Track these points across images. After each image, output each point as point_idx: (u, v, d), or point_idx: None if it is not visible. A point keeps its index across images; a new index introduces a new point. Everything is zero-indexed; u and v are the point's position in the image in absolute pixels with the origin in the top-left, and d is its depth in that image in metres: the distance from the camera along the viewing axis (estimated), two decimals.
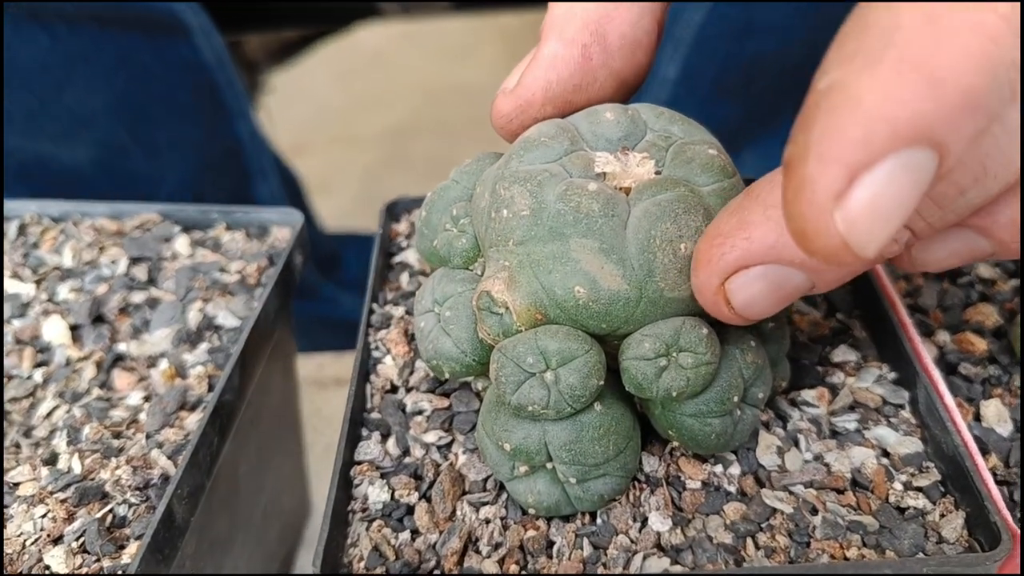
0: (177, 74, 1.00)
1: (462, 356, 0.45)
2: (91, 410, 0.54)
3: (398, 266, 0.62)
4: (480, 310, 0.42)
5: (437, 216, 0.49)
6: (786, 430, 0.49)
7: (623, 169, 0.42)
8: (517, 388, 0.41)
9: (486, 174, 0.46)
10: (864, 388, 0.52)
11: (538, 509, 0.45)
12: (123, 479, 0.49)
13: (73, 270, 0.64)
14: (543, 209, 0.41)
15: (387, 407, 0.52)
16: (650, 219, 0.40)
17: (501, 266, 0.42)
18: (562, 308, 0.41)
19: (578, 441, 0.42)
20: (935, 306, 0.61)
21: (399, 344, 0.55)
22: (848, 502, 0.45)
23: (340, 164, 1.63)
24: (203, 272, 0.63)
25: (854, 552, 0.43)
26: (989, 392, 0.54)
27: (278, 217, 0.68)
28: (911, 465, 0.47)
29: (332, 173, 1.57)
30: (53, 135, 0.94)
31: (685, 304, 0.41)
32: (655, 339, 0.40)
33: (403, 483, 0.47)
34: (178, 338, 0.59)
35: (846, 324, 0.57)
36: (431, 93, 1.85)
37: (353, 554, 0.45)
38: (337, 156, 1.65)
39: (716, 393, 0.42)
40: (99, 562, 0.46)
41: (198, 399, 0.54)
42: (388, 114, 1.79)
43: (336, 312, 1.21)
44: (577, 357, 0.40)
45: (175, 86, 1.01)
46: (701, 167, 0.43)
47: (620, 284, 0.40)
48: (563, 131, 0.44)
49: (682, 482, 0.47)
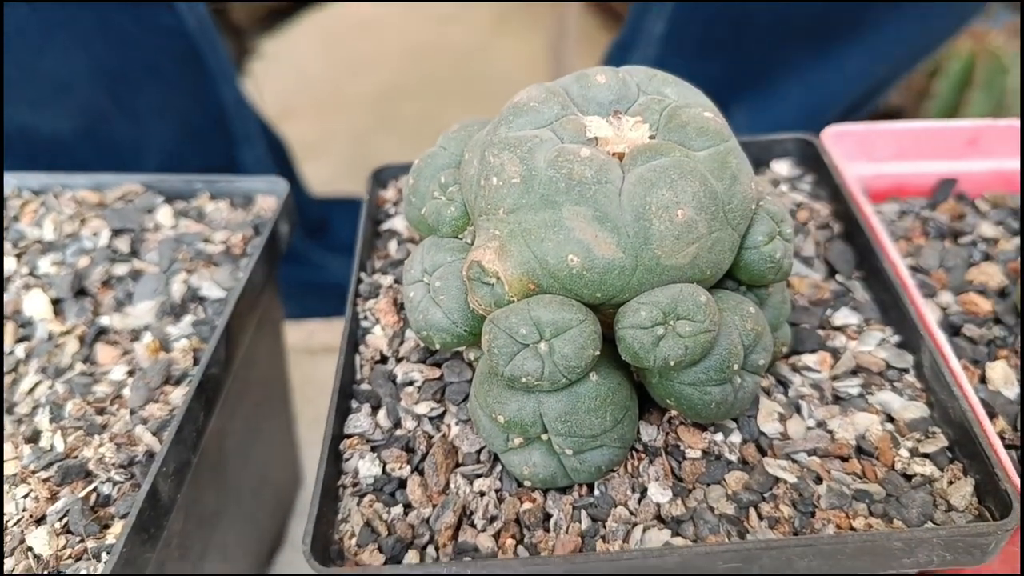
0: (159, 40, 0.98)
1: (453, 327, 0.43)
2: (74, 386, 0.52)
3: (386, 234, 0.61)
4: (471, 280, 0.41)
5: (425, 184, 0.47)
6: (787, 396, 0.48)
7: (616, 134, 0.41)
8: (510, 360, 0.39)
9: (474, 140, 0.45)
10: (867, 352, 0.51)
11: (534, 481, 0.43)
12: (107, 457, 0.48)
13: (54, 243, 0.63)
14: (534, 176, 0.40)
15: (377, 378, 0.50)
16: (645, 185, 0.38)
17: (491, 235, 0.40)
18: (555, 277, 0.39)
19: (574, 412, 0.41)
20: (937, 266, 0.59)
21: (388, 314, 0.53)
22: (853, 470, 0.44)
23: (328, 128, 1.61)
24: (187, 243, 0.62)
25: (860, 522, 0.41)
26: (994, 354, 0.53)
27: (263, 186, 0.66)
28: (917, 431, 0.46)
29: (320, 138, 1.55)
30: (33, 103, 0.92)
31: (682, 271, 0.39)
32: (652, 307, 0.39)
33: (395, 456, 0.46)
34: (162, 311, 0.57)
35: (846, 287, 0.56)
36: (418, 55, 1.83)
37: (344, 530, 0.44)
38: (325, 121, 1.63)
39: (715, 361, 0.41)
40: (83, 542, 0.45)
41: (183, 373, 0.53)
42: (375, 77, 1.77)
43: (325, 277, 1.20)
44: (572, 327, 0.39)
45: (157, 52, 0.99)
46: (696, 131, 0.41)
47: (615, 252, 0.38)
48: (553, 95, 0.42)
49: (681, 451, 0.45)
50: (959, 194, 0.66)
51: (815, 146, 0.64)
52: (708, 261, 0.40)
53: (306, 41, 1.89)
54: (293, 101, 1.58)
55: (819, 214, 0.61)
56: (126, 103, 0.97)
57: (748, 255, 0.42)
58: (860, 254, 0.57)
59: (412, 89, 1.70)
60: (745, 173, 0.42)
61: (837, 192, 0.61)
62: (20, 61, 0.86)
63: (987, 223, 0.63)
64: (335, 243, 1.26)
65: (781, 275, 0.43)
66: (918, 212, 0.64)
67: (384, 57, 1.82)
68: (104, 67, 0.93)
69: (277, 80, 1.59)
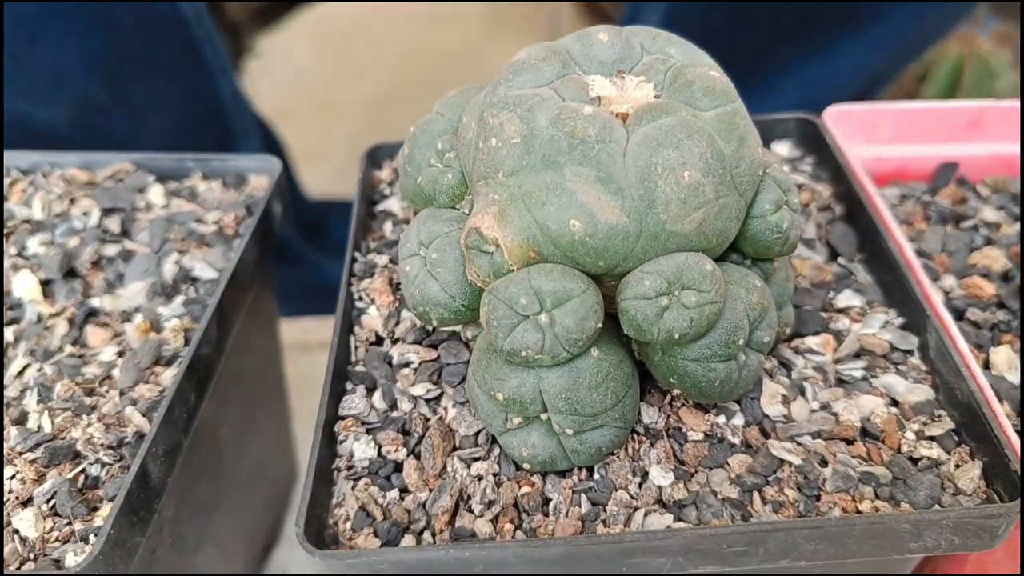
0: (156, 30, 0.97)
1: (451, 301, 0.42)
2: (63, 367, 0.51)
3: (381, 215, 0.60)
4: (469, 249, 0.40)
5: (421, 152, 0.46)
6: (791, 379, 0.47)
7: (619, 93, 0.40)
8: (510, 332, 0.38)
9: (472, 103, 0.43)
10: (871, 334, 0.50)
11: (533, 464, 0.42)
12: (95, 437, 0.47)
13: (43, 223, 0.61)
14: (535, 136, 0.38)
15: (372, 360, 0.49)
16: (651, 145, 0.37)
17: (491, 200, 0.39)
18: (557, 244, 0.38)
19: (575, 389, 0.39)
20: (939, 250, 0.59)
21: (384, 294, 0.52)
22: (859, 453, 0.43)
23: (324, 133, 1.61)
24: (179, 223, 0.61)
25: (867, 505, 0.40)
26: (998, 339, 0.52)
27: (256, 165, 0.65)
28: (922, 414, 0.45)
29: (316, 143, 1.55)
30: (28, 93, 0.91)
31: (687, 239, 0.38)
32: (656, 276, 0.37)
33: (390, 439, 0.45)
34: (153, 291, 0.56)
35: (849, 269, 0.55)
36: (413, 57, 1.83)
37: (338, 514, 0.43)
38: (321, 125, 1.63)
39: (720, 335, 0.39)
40: (70, 525, 0.44)
41: (174, 353, 0.52)
42: (370, 81, 1.77)
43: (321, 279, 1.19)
44: (573, 297, 0.37)
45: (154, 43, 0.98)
46: (703, 90, 0.40)
47: (619, 216, 0.37)
48: (554, 54, 0.41)
49: (683, 434, 0.44)
50: (960, 178, 0.65)
51: (816, 126, 0.63)
52: (714, 229, 0.39)
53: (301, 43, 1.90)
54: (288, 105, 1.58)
55: (820, 195, 0.60)
56: (122, 94, 0.96)
57: (754, 225, 0.41)
58: (862, 236, 0.56)
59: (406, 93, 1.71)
60: (752, 136, 0.40)
61: (839, 173, 0.60)
62: (15, 50, 0.85)
63: (989, 208, 0.62)
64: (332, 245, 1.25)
65: (788, 247, 0.42)
66: (919, 196, 0.64)
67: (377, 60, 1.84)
68: (100, 57, 0.92)
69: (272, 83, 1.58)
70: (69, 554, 0.42)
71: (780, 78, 1.09)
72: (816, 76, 1.10)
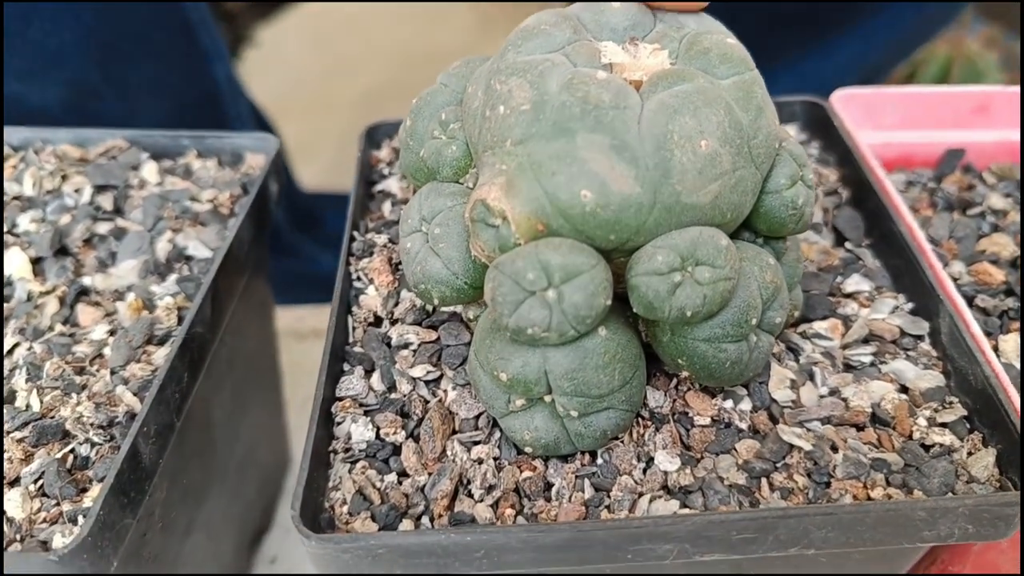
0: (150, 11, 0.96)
1: (453, 279, 0.41)
2: (53, 346, 0.50)
3: (380, 195, 0.59)
4: (474, 222, 0.38)
5: (424, 124, 0.44)
6: (799, 363, 0.46)
7: (633, 60, 0.38)
8: (515, 308, 0.36)
9: (479, 71, 0.42)
10: (880, 319, 0.49)
11: (535, 447, 0.41)
12: (85, 416, 0.46)
13: (34, 199, 0.60)
14: (546, 102, 0.37)
15: (370, 340, 0.48)
16: (667, 112, 0.36)
17: (498, 171, 0.38)
18: (566, 216, 0.36)
19: (581, 369, 0.38)
20: (947, 237, 0.58)
21: (383, 273, 0.51)
22: (869, 439, 0.42)
23: (315, 129, 1.61)
24: (173, 201, 0.59)
25: (879, 492, 0.39)
26: (1007, 326, 0.51)
27: (252, 143, 0.64)
28: (933, 400, 0.44)
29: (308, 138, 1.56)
30: (20, 73, 0.90)
31: (702, 212, 0.37)
32: (669, 251, 0.36)
33: (389, 421, 0.44)
34: (146, 270, 0.55)
35: (856, 254, 0.54)
36: (406, 58, 1.84)
37: (335, 498, 0.42)
38: (312, 121, 1.64)
39: (733, 314, 0.38)
40: (59, 506, 0.43)
41: (167, 332, 0.51)
42: (363, 80, 1.78)
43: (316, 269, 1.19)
44: (583, 272, 0.36)
45: (148, 24, 0.96)
46: (720, 57, 0.39)
47: (632, 187, 0.36)
48: (564, 19, 0.40)
49: (690, 418, 0.43)
50: (966, 166, 0.64)
51: (824, 109, 0.62)
52: (730, 203, 0.38)
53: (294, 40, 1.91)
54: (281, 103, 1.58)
55: (827, 180, 0.59)
56: (116, 76, 0.95)
57: (769, 200, 0.40)
58: (870, 220, 0.55)
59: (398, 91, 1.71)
60: (770, 107, 0.39)
61: (846, 157, 0.59)
62: (7, 28, 0.84)
63: (996, 195, 0.61)
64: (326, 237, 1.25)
65: (802, 225, 0.41)
66: (925, 183, 0.63)
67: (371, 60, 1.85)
68: (94, 38, 0.91)
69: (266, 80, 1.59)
70: (57, 535, 0.41)
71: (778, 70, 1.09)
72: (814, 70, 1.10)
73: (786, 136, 0.41)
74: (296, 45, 1.90)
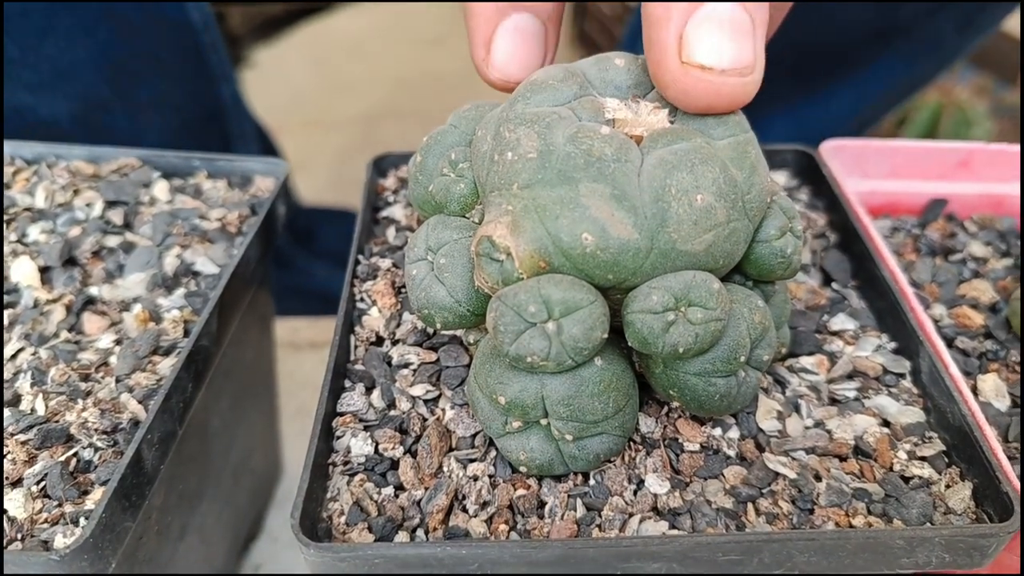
0: (162, 31, 0.97)
1: (456, 305, 0.42)
2: (58, 352, 0.51)
3: (384, 221, 0.60)
4: (479, 256, 0.40)
5: (433, 161, 0.46)
6: (785, 396, 0.48)
7: (634, 117, 0.41)
8: (516, 338, 0.38)
9: (488, 117, 0.44)
10: (864, 357, 0.51)
11: (529, 467, 0.43)
12: (90, 422, 0.47)
13: (45, 211, 0.61)
14: (552, 152, 0.39)
15: (372, 359, 0.49)
16: (666, 167, 0.38)
17: (504, 210, 0.39)
18: (568, 256, 0.38)
19: (577, 396, 0.40)
20: (929, 280, 0.60)
21: (386, 296, 0.52)
22: (851, 469, 0.44)
23: (312, 147, 1.64)
24: (182, 218, 0.61)
25: (860, 520, 0.41)
26: (986, 367, 0.53)
27: (262, 167, 0.65)
28: (914, 435, 0.46)
29: (306, 155, 1.58)
30: (31, 85, 0.91)
31: (696, 258, 0.39)
32: (664, 292, 0.38)
33: (387, 436, 0.45)
34: (153, 283, 0.56)
35: (842, 294, 0.56)
36: (405, 80, 1.86)
37: (333, 508, 0.43)
38: (310, 139, 1.66)
39: (723, 352, 0.40)
40: (60, 507, 0.44)
41: (172, 344, 0.52)
42: (362, 100, 1.80)
43: (310, 282, 1.21)
44: (581, 308, 0.38)
45: (160, 44, 0.98)
46: (716, 119, 0.41)
47: (631, 232, 0.38)
48: (571, 75, 0.42)
49: (680, 444, 0.45)
50: (949, 214, 0.67)
51: (813, 158, 0.64)
52: (723, 251, 0.39)
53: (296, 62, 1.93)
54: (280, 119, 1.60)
55: (816, 224, 0.61)
56: (126, 93, 0.97)
57: (759, 249, 0.42)
58: (857, 264, 0.57)
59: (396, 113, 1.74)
60: (763, 165, 0.41)
61: (834, 203, 0.61)
62: (22, 42, 0.85)
63: (977, 243, 0.64)
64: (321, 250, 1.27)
65: (790, 271, 0.43)
66: (909, 229, 0.65)
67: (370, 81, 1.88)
68: (107, 55, 0.93)
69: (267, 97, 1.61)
70: (58, 536, 0.42)
71: (775, 115, 1.11)
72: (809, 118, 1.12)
73: (777, 190, 0.43)
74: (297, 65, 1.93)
